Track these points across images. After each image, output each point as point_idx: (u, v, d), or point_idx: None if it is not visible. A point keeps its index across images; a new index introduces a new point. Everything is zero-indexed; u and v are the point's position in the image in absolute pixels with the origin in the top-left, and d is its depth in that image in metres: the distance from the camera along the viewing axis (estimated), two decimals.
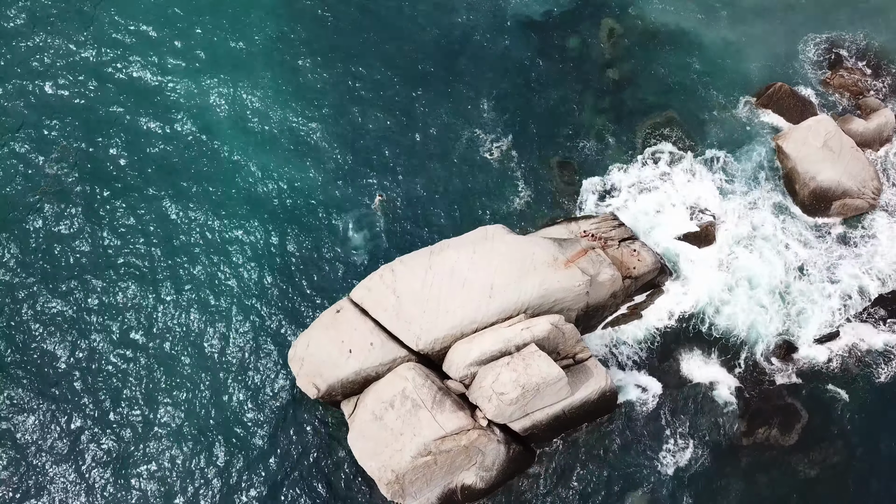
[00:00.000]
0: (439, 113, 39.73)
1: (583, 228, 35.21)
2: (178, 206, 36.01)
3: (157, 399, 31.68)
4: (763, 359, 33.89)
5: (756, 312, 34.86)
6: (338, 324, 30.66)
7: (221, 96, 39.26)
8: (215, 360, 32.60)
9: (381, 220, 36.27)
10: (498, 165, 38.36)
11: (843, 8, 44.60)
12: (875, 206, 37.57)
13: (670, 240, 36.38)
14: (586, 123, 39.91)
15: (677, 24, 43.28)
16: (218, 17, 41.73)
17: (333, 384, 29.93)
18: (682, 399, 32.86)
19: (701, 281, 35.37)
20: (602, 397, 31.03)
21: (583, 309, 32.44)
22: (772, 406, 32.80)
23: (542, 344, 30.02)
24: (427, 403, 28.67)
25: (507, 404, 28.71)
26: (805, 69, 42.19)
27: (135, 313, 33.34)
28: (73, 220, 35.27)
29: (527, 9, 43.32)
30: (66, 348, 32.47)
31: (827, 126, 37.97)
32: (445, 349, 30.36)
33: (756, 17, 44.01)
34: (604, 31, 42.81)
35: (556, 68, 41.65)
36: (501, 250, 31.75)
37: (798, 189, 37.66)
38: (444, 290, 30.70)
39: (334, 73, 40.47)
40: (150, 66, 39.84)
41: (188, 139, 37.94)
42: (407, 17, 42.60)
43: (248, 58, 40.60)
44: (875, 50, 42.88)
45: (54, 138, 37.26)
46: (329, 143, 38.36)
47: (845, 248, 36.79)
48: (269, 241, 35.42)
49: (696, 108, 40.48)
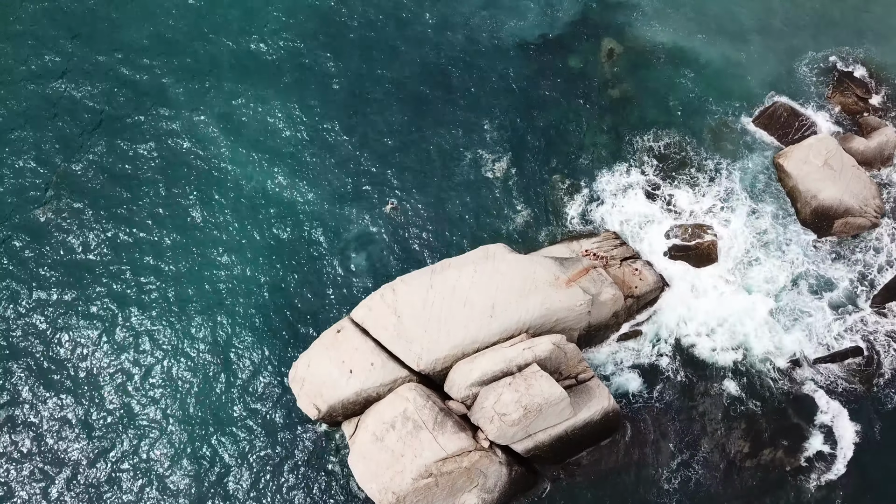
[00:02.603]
0: (440, 133, 39.86)
1: (584, 247, 35.15)
2: (175, 224, 36.02)
3: (154, 419, 31.47)
4: (767, 378, 33.64)
5: (759, 330, 34.66)
6: (338, 344, 30.54)
7: (223, 112, 39.45)
8: (215, 380, 32.43)
9: (383, 238, 36.24)
10: (499, 184, 38.40)
11: (842, 26, 44.81)
12: (878, 224, 37.49)
13: (671, 258, 36.29)
14: (587, 142, 40.00)
15: (677, 43, 43.52)
16: (224, 34, 42.07)
17: (334, 405, 29.75)
18: (686, 419, 32.58)
19: (703, 299, 35.22)
20: (605, 417, 30.77)
21: (585, 328, 32.29)
22: (777, 427, 32.49)
23: (544, 364, 29.84)
24: (428, 424, 28.45)
25: (509, 425, 28.48)
26: (805, 87, 42.30)
27: (132, 333, 33.23)
28: (66, 239, 35.30)
29: (524, 31, 43.59)
30: (62, 372, 32.35)
31: (828, 144, 37.99)
32: (447, 369, 30.19)
33: (755, 36, 44.23)
34: (604, 50, 43.04)
35: (556, 88, 41.83)
36: (503, 269, 31.68)
37: (800, 207, 37.62)
38: (446, 310, 30.60)
39: (335, 95, 40.66)
40: (151, 79, 40.13)
41: (187, 154, 38.03)
42: (407, 39, 42.88)
43: (252, 76, 40.85)
44: (875, 68, 43.03)
45: (46, 154, 37.44)
46: (330, 163, 38.46)
47: (848, 266, 36.65)
48: (269, 260, 35.39)
49: (697, 127, 40.56)
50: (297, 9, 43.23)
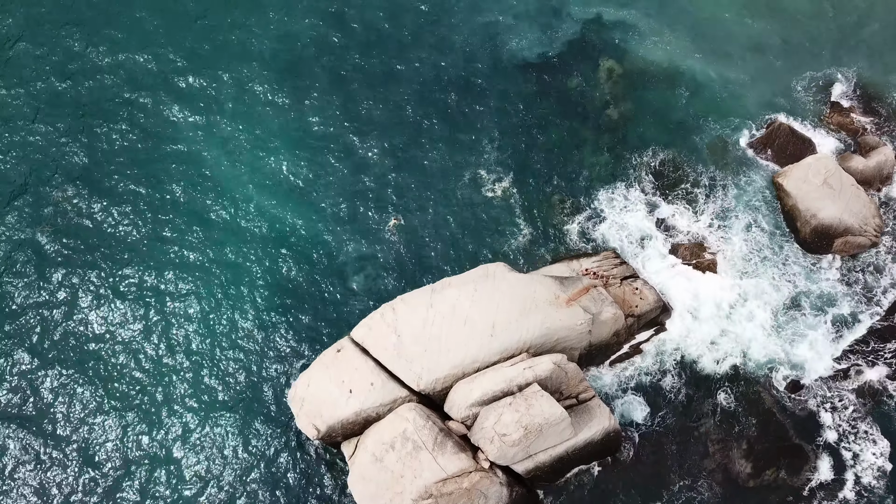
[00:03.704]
0: (441, 152, 40.00)
1: (584, 266, 35.14)
2: (175, 243, 36.02)
3: (154, 438, 31.28)
4: (768, 397, 33.48)
5: (759, 349, 34.57)
6: (338, 363, 30.43)
7: (223, 133, 39.60)
8: (214, 400, 32.28)
9: (383, 257, 36.24)
10: (499, 203, 38.49)
11: (839, 46, 45.15)
12: (877, 243, 37.51)
13: (671, 277, 36.25)
14: (586, 162, 40.15)
15: (676, 63, 43.81)
16: (225, 53, 42.32)
17: (334, 425, 29.58)
18: (688, 439, 32.38)
19: (703, 318, 35.15)
20: (606, 438, 30.59)
21: (585, 348, 32.20)
22: (779, 446, 32.28)
23: (544, 384, 29.71)
24: (428, 445, 28.26)
25: (509, 446, 28.29)
26: (803, 106, 42.53)
27: (132, 354, 33.12)
28: (68, 262, 35.34)
29: (524, 51, 43.90)
30: (60, 395, 32.24)
31: (827, 164, 38.13)
32: (447, 389, 30.05)
33: (753, 56, 44.56)
34: (603, 71, 43.32)
35: (556, 108, 42.05)
36: (503, 288, 31.65)
37: (800, 226, 37.66)
38: (446, 329, 30.52)
39: (336, 115, 40.84)
40: (147, 101, 40.38)
41: (184, 174, 38.08)
42: (408, 60, 43.18)
43: (251, 100, 41.04)
44: (873, 88, 43.27)
45: (47, 184, 37.59)
46: (330, 183, 38.55)
47: (848, 285, 36.62)
48: (269, 280, 35.37)
49: (696, 146, 40.74)
50: (297, 30, 43.59)
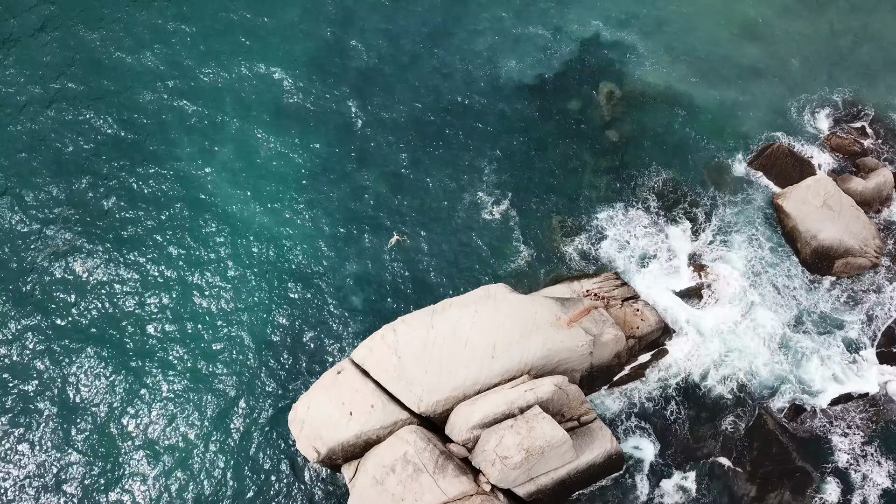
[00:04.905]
0: (441, 175, 40.17)
1: (585, 287, 35.12)
2: (175, 263, 36.08)
3: (154, 459, 31.06)
4: (770, 419, 33.27)
5: (760, 371, 34.44)
6: (339, 385, 30.29)
7: (224, 154, 39.84)
8: (213, 422, 32.09)
9: (384, 279, 36.22)
10: (499, 225, 38.57)
11: (836, 68, 45.53)
12: (878, 264, 37.52)
13: (672, 299, 36.23)
14: (586, 184, 40.30)
15: (675, 86, 44.15)
16: (228, 75, 42.72)
17: (334, 447, 29.37)
18: (690, 461, 32.15)
19: (704, 340, 35.06)
20: (608, 460, 30.36)
21: (587, 370, 32.06)
22: (783, 469, 32.01)
23: (546, 406, 29.56)
24: (429, 468, 28.05)
25: (510, 468, 28.07)
26: (802, 128, 42.78)
27: (132, 375, 33.01)
28: (68, 284, 35.34)
29: (524, 73, 44.27)
30: (61, 414, 32.07)
31: (826, 185, 38.27)
32: (447, 411, 29.88)
33: (751, 78, 44.91)
34: (602, 93, 43.65)
35: (556, 130, 42.31)
36: (504, 310, 31.60)
37: (800, 248, 37.70)
38: (447, 351, 30.43)
39: (335, 137, 41.08)
40: (149, 118, 40.65)
41: (186, 195, 38.27)
42: (407, 82, 43.54)
43: (251, 121, 41.34)
44: (871, 109, 43.53)
45: (49, 197, 37.72)
46: (331, 205, 38.67)
47: (850, 306, 36.57)
48: (269, 302, 35.34)
49: (696, 168, 40.92)
50: (297, 51, 44.01)
